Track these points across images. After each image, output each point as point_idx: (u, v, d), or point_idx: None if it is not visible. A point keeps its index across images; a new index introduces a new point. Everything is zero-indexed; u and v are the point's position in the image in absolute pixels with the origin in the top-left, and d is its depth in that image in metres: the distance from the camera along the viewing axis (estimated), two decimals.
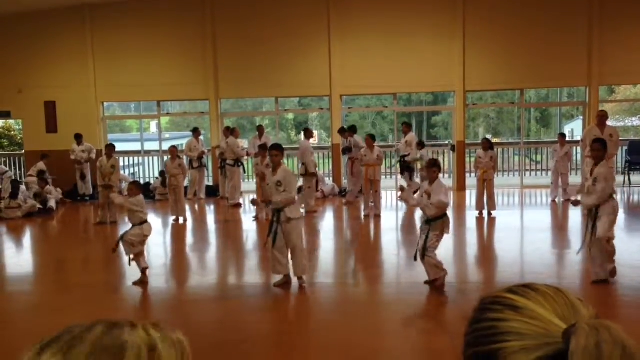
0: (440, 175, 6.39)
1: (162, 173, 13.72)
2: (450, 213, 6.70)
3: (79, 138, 13.93)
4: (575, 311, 0.80)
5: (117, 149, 11.99)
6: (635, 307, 5.58)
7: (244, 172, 13.13)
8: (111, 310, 5.85)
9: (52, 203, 12.44)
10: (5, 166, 15.40)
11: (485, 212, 10.58)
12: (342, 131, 13.39)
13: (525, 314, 0.80)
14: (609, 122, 10.37)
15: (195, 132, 13.70)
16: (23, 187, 12.76)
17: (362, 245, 9.22)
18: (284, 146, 6.96)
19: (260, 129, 13.68)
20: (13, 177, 14.04)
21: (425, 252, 6.01)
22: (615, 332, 0.74)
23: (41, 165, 13.69)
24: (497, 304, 0.84)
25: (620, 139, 14.77)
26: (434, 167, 6.26)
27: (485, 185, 10.59)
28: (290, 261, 6.44)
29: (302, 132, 12.36)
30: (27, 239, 10.83)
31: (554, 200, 11.98)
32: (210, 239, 10.26)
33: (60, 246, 10.00)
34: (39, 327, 5.15)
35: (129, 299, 6.39)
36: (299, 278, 6.40)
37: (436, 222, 6.05)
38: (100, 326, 0.81)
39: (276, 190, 6.28)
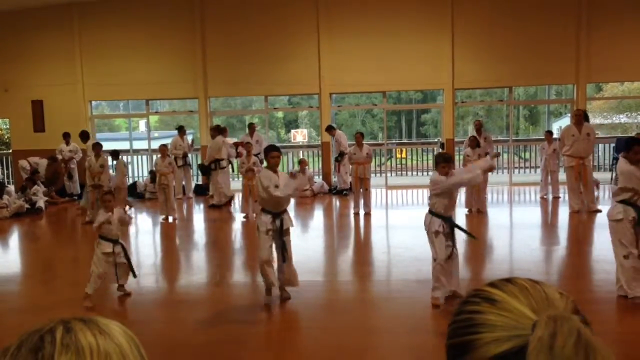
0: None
1: (151, 172, 13.66)
2: None
3: (67, 137, 13.85)
4: (549, 303, 0.81)
5: (106, 148, 11.93)
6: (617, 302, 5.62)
7: (232, 170, 13.10)
8: (98, 309, 5.82)
9: (40, 203, 12.34)
10: None
11: (474, 210, 10.64)
12: (329, 129, 13.44)
13: (499, 306, 0.82)
14: (597, 120, 10.49)
15: (180, 130, 13.69)
16: (10, 188, 12.66)
17: (352, 243, 9.24)
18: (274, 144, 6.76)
19: (251, 127, 13.67)
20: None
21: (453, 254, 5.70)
22: (573, 323, 0.76)
23: (42, 162, 13.70)
24: (476, 296, 0.86)
25: (608, 136, 14.85)
26: (445, 162, 5.68)
27: None
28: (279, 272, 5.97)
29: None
30: (14, 238, 10.74)
31: (543, 197, 12.06)
32: (200, 238, 10.23)
33: (49, 246, 9.94)
34: (26, 326, 5.11)
35: (116, 299, 6.35)
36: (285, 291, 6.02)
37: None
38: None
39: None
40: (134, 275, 6.28)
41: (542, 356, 0.73)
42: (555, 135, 12.93)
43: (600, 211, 9.97)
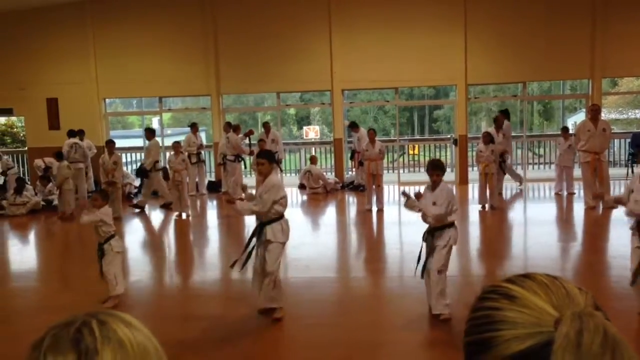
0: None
1: (164, 169, 13.73)
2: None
3: (81, 134, 13.95)
4: (570, 300, 0.80)
5: (119, 145, 12.03)
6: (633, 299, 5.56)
7: (245, 167, 13.14)
8: (114, 305, 5.86)
9: (57, 201, 12.43)
10: None
11: (487, 206, 10.59)
12: (353, 126, 13.62)
13: (519, 302, 0.81)
14: (612, 115, 10.39)
15: (193, 127, 13.76)
16: (28, 185, 12.79)
17: (364, 240, 9.23)
18: (286, 141, 6.65)
19: (266, 126, 13.62)
20: (18, 174, 14.08)
21: (427, 270, 5.24)
22: (598, 320, 0.75)
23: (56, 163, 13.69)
24: (494, 292, 0.85)
25: (624, 131, 14.62)
26: (434, 169, 5.27)
27: (487, 179, 10.60)
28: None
29: None
30: (31, 235, 10.85)
31: (557, 193, 11.97)
32: (213, 235, 10.27)
33: (64, 242, 10.03)
34: (44, 322, 5.16)
35: (131, 295, 6.40)
36: (265, 310, 5.38)
37: (441, 231, 5.19)
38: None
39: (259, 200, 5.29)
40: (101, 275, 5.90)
41: (569, 354, 0.72)
42: (571, 131, 12.82)
43: (616, 207, 9.87)
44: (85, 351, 0.76)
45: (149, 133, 12.43)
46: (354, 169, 14.02)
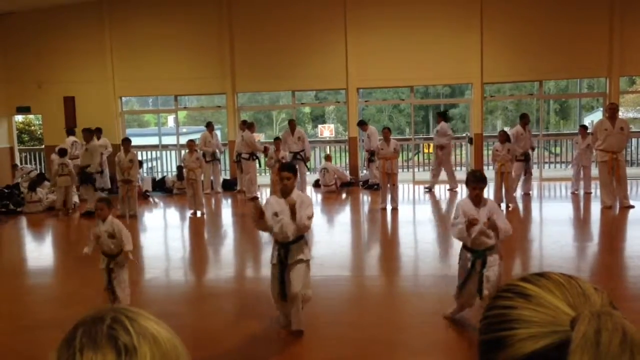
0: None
1: (179, 167, 13.82)
2: None
3: (98, 132, 14.07)
4: (586, 299, 0.80)
5: (135, 144, 12.11)
6: None
7: (259, 165, 13.17)
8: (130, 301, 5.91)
9: (75, 198, 12.57)
10: (26, 162, 15.69)
11: (503, 205, 10.51)
12: (361, 124, 13.53)
13: (534, 301, 0.80)
14: (630, 114, 10.25)
15: (209, 126, 13.82)
16: (47, 183, 12.93)
17: (379, 238, 9.21)
18: None
19: (291, 124, 13.20)
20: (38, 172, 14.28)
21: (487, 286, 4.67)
22: (617, 320, 0.74)
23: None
24: (508, 291, 0.84)
25: None
26: (477, 182, 4.72)
27: (503, 178, 10.52)
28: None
29: None
30: (47, 232, 10.97)
31: (574, 193, 11.85)
32: (228, 233, 10.32)
33: (80, 239, 10.12)
34: (61, 318, 5.22)
35: (147, 292, 6.45)
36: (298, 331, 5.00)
37: (491, 252, 4.77)
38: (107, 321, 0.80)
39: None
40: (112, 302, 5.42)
41: (587, 353, 0.71)
42: (589, 130, 12.67)
43: (633, 207, 9.76)
44: (124, 348, 0.76)
45: (87, 134, 11.72)
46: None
